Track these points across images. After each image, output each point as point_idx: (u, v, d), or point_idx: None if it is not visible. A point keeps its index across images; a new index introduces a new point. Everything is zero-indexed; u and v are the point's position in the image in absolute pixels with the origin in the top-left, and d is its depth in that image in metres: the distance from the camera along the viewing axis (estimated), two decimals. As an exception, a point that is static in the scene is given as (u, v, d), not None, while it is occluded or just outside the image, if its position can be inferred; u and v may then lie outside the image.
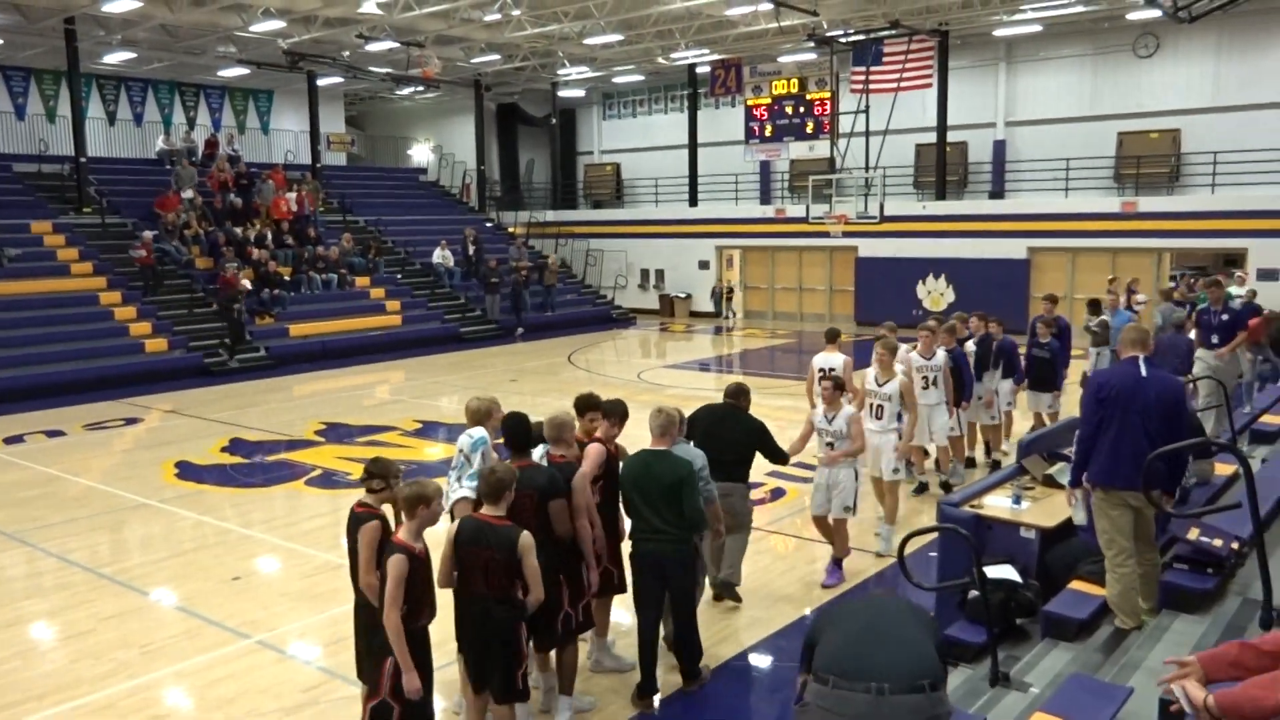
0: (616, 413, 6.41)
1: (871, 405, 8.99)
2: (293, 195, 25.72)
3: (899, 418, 9.00)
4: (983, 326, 11.55)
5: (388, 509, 5.12)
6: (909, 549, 4.98)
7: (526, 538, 5.02)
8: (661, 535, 5.97)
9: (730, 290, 30.52)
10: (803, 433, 8.27)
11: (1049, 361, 11.85)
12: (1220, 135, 23.32)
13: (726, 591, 7.56)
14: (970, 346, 11.36)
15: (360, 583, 5.00)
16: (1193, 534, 6.09)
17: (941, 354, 10.43)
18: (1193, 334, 12.56)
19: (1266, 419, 10.27)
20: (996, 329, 11.66)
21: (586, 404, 6.40)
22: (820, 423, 8.05)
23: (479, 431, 6.37)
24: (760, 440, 7.49)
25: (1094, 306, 14.34)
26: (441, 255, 27.04)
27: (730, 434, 7.38)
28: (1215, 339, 11.83)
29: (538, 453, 6.07)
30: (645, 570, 6.09)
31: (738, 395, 7.60)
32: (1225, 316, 11.90)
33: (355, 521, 5.08)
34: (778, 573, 8.18)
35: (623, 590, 6.42)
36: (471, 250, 27.55)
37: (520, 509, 5.44)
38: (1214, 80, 23.68)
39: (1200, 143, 23.78)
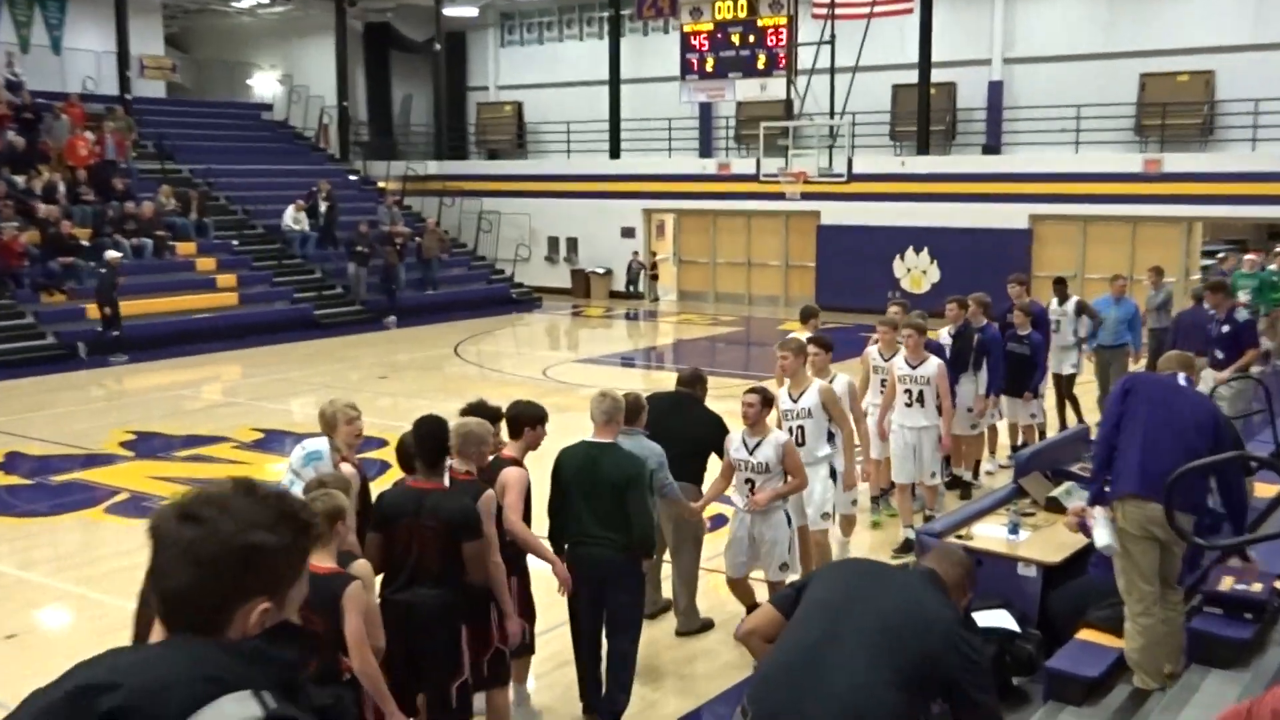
0: (540, 417, 6.47)
1: (791, 430, 8.24)
2: (93, 135, 25.07)
3: (830, 438, 8.47)
4: (961, 314, 11.50)
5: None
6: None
7: (354, 591, 4.74)
8: (602, 542, 6.20)
9: (654, 265, 30.50)
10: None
11: (1027, 359, 11.88)
12: (1263, 79, 23.97)
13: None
14: (944, 338, 11.36)
15: None
16: (1226, 583, 6.24)
17: (934, 362, 9.81)
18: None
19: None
20: (977, 311, 11.56)
21: (490, 415, 6.33)
22: (738, 451, 7.50)
23: (316, 443, 6.28)
24: (719, 435, 7.76)
25: (1060, 287, 14.07)
26: (294, 217, 26.52)
27: (682, 426, 7.72)
28: (1219, 354, 11.24)
29: None
30: (582, 579, 6.30)
31: (693, 383, 8.02)
32: (1226, 328, 11.17)
33: None
34: (719, 620, 8.17)
35: (532, 650, 6.49)
36: (324, 208, 27.11)
37: (421, 541, 5.43)
38: (1256, 10, 24.38)
39: (1239, 88, 24.46)
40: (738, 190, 27.71)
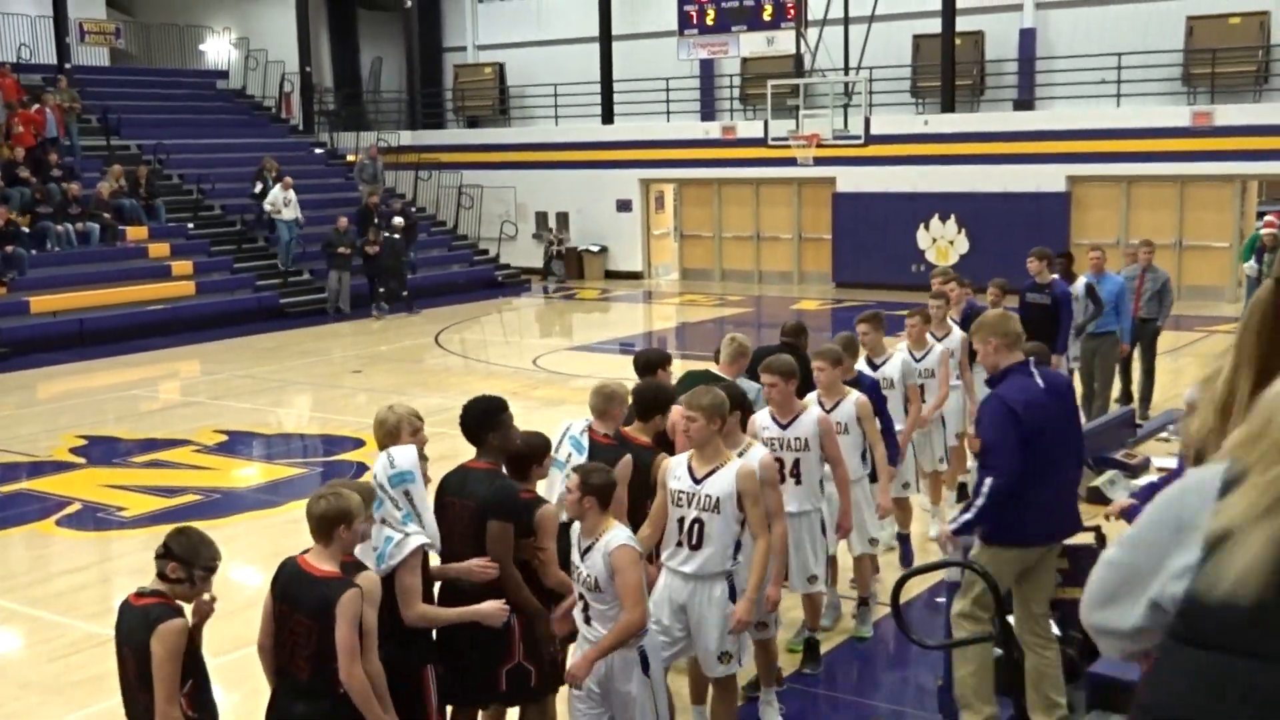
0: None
1: (686, 524, 6.08)
2: (35, 108, 25.03)
3: (738, 547, 6.14)
4: (963, 294, 11.04)
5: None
6: (908, 594, 5.07)
7: (348, 599, 4.79)
8: None
9: (559, 241, 30.31)
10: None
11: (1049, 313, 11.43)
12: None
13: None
14: (953, 341, 10.06)
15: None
16: None
17: (812, 414, 7.22)
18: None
19: None
20: (997, 295, 10.96)
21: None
22: (574, 552, 5.52)
23: (405, 460, 5.51)
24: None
25: (1066, 264, 12.93)
26: (281, 199, 25.28)
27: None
28: None
29: (580, 425, 6.38)
30: None
31: (797, 334, 8.35)
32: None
33: (142, 619, 4.70)
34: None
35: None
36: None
37: (460, 522, 5.60)
38: (1313, -54, 24.35)
39: (1295, 32, 24.45)
40: (744, 156, 27.69)
